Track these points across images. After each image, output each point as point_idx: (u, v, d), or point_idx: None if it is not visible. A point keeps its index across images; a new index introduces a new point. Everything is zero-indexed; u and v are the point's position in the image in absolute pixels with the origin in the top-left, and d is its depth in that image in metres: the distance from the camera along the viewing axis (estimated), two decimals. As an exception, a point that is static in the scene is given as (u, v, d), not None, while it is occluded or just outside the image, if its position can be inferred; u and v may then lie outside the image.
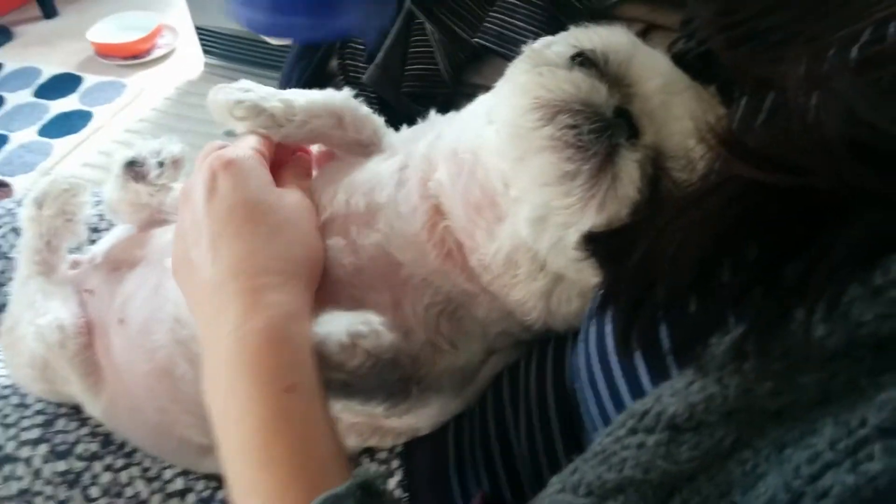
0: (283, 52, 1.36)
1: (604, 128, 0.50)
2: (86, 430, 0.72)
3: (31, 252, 0.74)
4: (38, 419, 0.71)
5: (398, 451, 0.64)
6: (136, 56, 2.51)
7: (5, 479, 0.67)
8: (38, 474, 0.68)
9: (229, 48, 2.29)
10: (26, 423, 0.71)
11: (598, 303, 0.45)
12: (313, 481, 0.45)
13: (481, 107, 0.62)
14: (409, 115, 0.95)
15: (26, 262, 0.74)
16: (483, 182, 0.56)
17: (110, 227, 0.84)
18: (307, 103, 0.65)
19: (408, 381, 0.59)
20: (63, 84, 2.44)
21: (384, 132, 0.71)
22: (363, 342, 0.52)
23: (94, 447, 0.71)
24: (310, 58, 1.16)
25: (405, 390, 0.59)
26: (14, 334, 0.72)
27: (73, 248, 0.79)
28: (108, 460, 0.70)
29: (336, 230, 0.61)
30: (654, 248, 0.39)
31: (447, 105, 1.10)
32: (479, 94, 0.65)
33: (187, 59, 2.50)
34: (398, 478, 0.63)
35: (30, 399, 0.73)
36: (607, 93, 0.51)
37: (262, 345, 0.50)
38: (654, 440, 0.35)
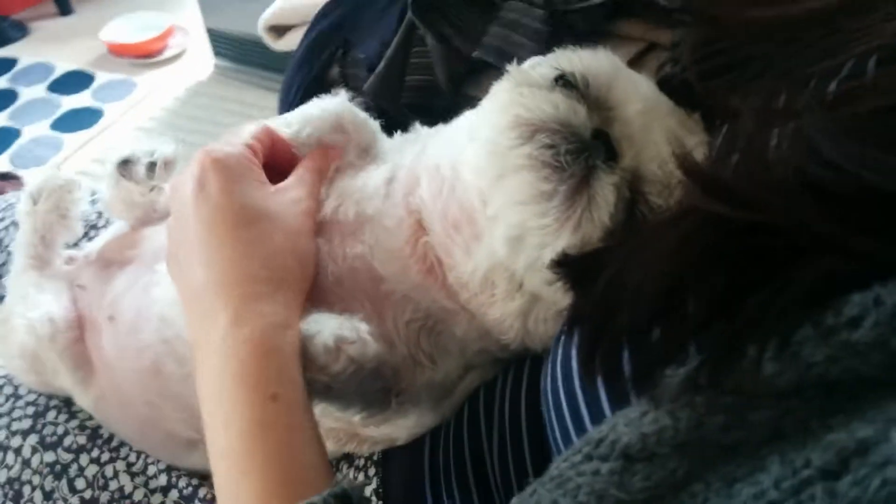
0: (291, 56, 1.38)
1: (581, 149, 0.50)
2: (75, 423, 0.73)
3: (25, 246, 0.76)
4: (30, 410, 0.73)
5: (375, 460, 0.65)
6: (147, 55, 2.53)
7: (-6, 468, 0.69)
8: (27, 464, 0.69)
9: (239, 50, 2.31)
10: (18, 414, 0.72)
11: (565, 325, 0.45)
12: (295, 490, 0.46)
13: (465, 123, 0.62)
14: (407, 126, 0.96)
15: (21, 255, 0.76)
16: (462, 199, 0.56)
17: (108, 225, 0.85)
18: (310, 118, 0.67)
19: (388, 393, 0.59)
20: (76, 81, 2.47)
21: (381, 138, 0.71)
22: (348, 348, 0.52)
23: (82, 440, 0.72)
24: (311, 65, 1.17)
25: (384, 401, 0.59)
26: (7, 326, 0.73)
27: (70, 244, 0.81)
28: (95, 453, 0.71)
29: (323, 234, 0.62)
30: (621, 273, 0.39)
31: (446, 117, 1.12)
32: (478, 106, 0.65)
33: (198, 59, 2.52)
34: (374, 485, 0.64)
35: (23, 390, 0.75)
36: (587, 115, 0.51)
37: (248, 355, 0.50)
38: (608, 468, 0.35)
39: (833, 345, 0.30)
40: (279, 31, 1.39)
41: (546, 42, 0.93)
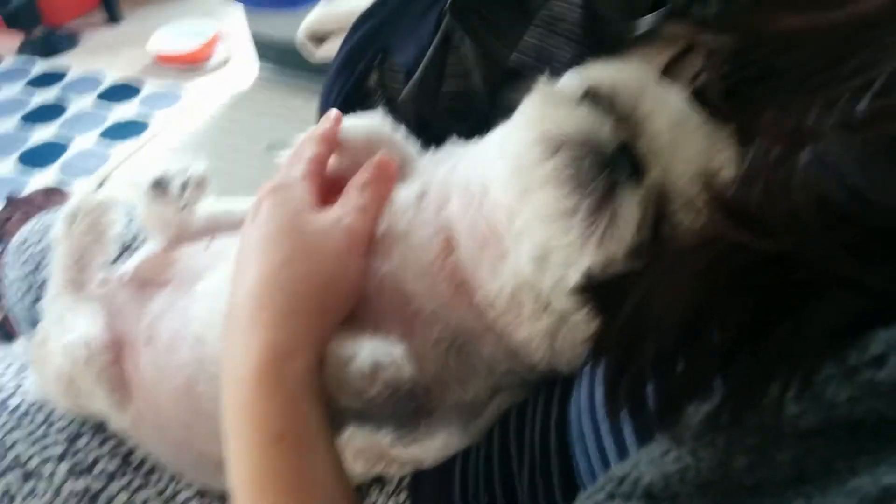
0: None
1: (605, 164, 0.49)
2: (106, 449, 0.73)
3: (61, 269, 0.76)
4: (63, 436, 0.73)
5: (406, 484, 0.64)
6: (194, 63, 2.56)
7: (25, 497, 0.68)
8: (57, 492, 0.69)
9: (284, 56, 2.32)
10: (51, 440, 0.72)
11: (590, 353, 0.43)
12: None
13: (496, 138, 0.61)
14: (446, 133, 0.94)
15: (57, 278, 0.76)
16: (489, 216, 0.56)
17: (143, 245, 0.85)
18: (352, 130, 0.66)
19: (419, 413, 0.58)
20: (124, 90, 2.52)
21: (417, 156, 0.71)
22: (384, 373, 0.51)
23: (113, 467, 0.71)
24: (350, 72, 1.16)
25: (415, 421, 0.58)
26: (43, 349, 0.73)
27: (104, 265, 0.80)
28: (125, 480, 0.71)
29: None
30: (645, 302, 0.38)
31: (484, 123, 1.09)
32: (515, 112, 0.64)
33: (243, 66, 2.54)
34: (405, 510, 0.62)
35: (56, 415, 0.74)
36: (612, 129, 0.50)
37: (252, 389, 0.49)
38: None
39: (857, 385, 0.29)
40: (319, 41, 1.38)
41: (585, 45, 0.90)
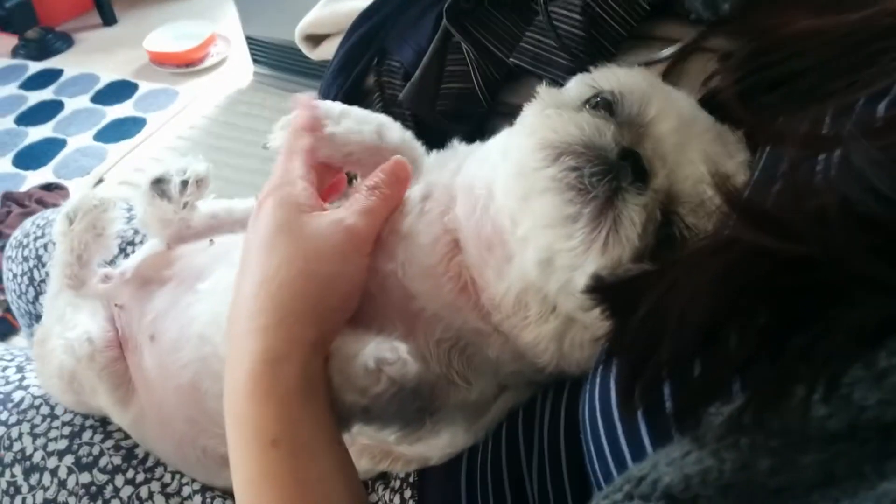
0: (327, 63, 1.38)
1: (606, 171, 0.49)
2: (110, 443, 0.73)
3: (62, 266, 0.76)
4: (66, 430, 0.73)
5: (411, 482, 0.64)
6: (189, 64, 2.56)
7: (31, 489, 0.69)
8: (63, 485, 0.69)
9: (278, 58, 2.33)
10: (54, 434, 0.73)
11: (603, 354, 0.43)
12: None
13: (499, 141, 0.61)
14: (444, 134, 0.94)
15: (58, 275, 0.76)
16: (495, 219, 0.56)
17: (144, 242, 0.85)
18: (352, 114, 0.65)
19: (423, 412, 0.58)
20: (119, 90, 2.52)
21: (422, 159, 0.70)
22: (389, 370, 0.51)
23: (117, 460, 0.72)
24: (347, 73, 1.17)
25: (420, 420, 0.58)
26: (45, 346, 0.73)
27: (106, 262, 0.81)
28: (130, 474, 0.71)
29: None
30: (662, 303, 0.37)
31: (483, 124, 1.10)
32: (515, 114, 0.64)
33: (238, 67, 2.54)
34: (410, 508, 0.63)
35: (59, 409, 0.75)
36: (614, 135, 0.50)
37: (247, 396, 0.49)
38: None
39: (887, 388, 0.28)
40: (315, 41, 1.39)
41: (583, 47, 0.91)
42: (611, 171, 0.49)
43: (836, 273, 0.31)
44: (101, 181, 2.16)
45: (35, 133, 2.36)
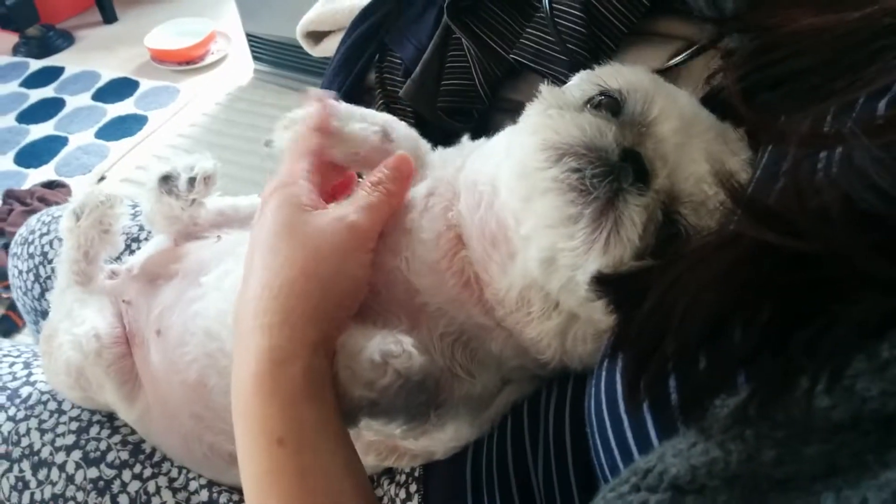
0: (328, 61, 1.39)
1: (607, 172, 0.49)
2: (117, 438, 0.74)
3: (69, 262, 0.77)
4: (73, 426, 0.74)
5: (417, 476, 0.65)
6: (190, 61, 2.57)
7: (39, 484, 0.70)
8: (70, 480, 0.70)
9: (278, 55, 2.33)
10: (62, 429, 0.73)
11: (608, 347, 0.44)
12: None
13: (503, 139, 0.61)
14: (444, 131, 0.94)
15: (65, 272, 0.77)
16: (499, 216, 0.56)
17: (149, 238, 0.86)
18: (358, 114, 0.66)
19: (429, 405, 0.58)
20: (120, 88, 2.53)
21: (428, 155, 0.70)
22: (395, 362, 0.51)
23: (125, 455, 0.73)
24: (349, 70, 1.17)
25: (426, 413, 0.58)
26: (52, 342, 0.74)
27: (112, 258, 0.82)
28: (137, 469, 0.72)
29: None
30: (667, 297, 0.38)
31: (483, 121, 1.10)
32: (516, 110, 0.64)
33: (238, 64, 2.55)
34: (416, 502, 0.64)
35: (66, 405, 0.76)
36: (616, 136, 0.51)
37: (252, 395, 0.50)
38: (657, 500, 0.34)
39: (889, 378, 0.29)
40: (316, 38, 1.39)
41: (583, 43, 0.92)
42: (612, 172, 0.49)
43: (839, 269, 0.31)
44: (102, 179, 2.17)
45: (36, 131, 2.36)
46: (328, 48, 1.34)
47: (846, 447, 0.30)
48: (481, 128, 1.01)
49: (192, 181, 0.74)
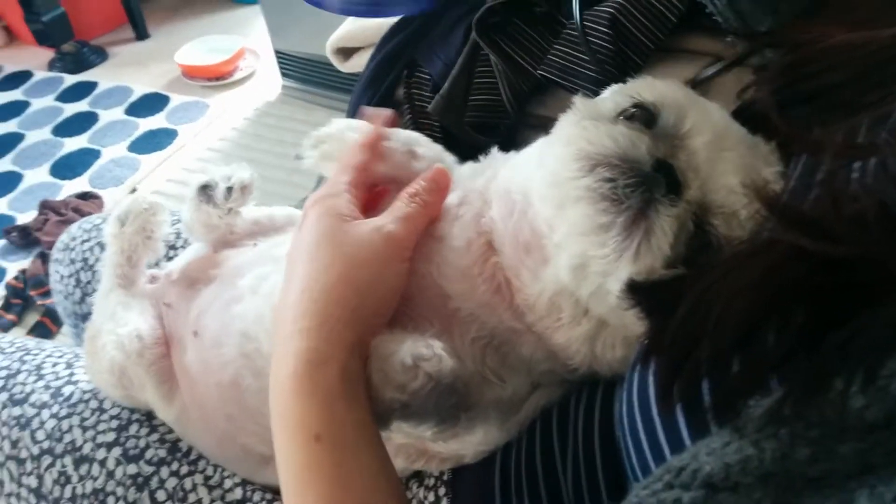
0: (355, 77, 1.42)
1: (640, 182, 0.50)
2: (156, 437, 0.76)
3: (112, 266, 0.80)
4: (114, 423, 0.76)
5: (446, 479, 0.66)
6: (219, 77, 2.62)
7: (81, 478, 0.72)
8: (111, 475, 0.73)
9: (306, 71, 2.37)
10: (103, 427, 0.76)
11: (641, 353, 0.45)
12: None
13: (535, 150, 0.63)
14: (471, 145, 0.97)
15: (108, 275, 0.80)
16: (533, 223, 0.57)
17: (186, 245, 0.89)
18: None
19: (459, 407, 0.60)
20: (152, 103, 2.58)
21: (455, 168, 0.72)
22: (425, 365, 0.53)
23: (163, 453, 0.75)
24: (377, 86, 1.19)
25: (455, 416, 0.60)
26: (96, 343, 0.76)
27: (150, 264, 0.84)
28: (175, 466, 0.74)
29: None
30: (701, 304, 0.39)
31: (510, 136, 1.12)
32: (542, 126, 0.65)
33: (267, 80, 2.59)
34: (444, 505, 0.65)
35: (107, 404, 0.78)
36: (649, 147, 0.52)
37: (290, 394, 0.52)
38: (690, 497, 0.35)
39: None
40: (346, 54, 1.42)
41: (611, 59, 0.93)
42: (644, 182, 0.50)
43: (873, 273, 0.32)
44: (133, 191, 2.22)
45: (71, 144, 2.42)
46: (358, 64, 1.37)
47: (880, 446, 0.31)
48: (508, 143, 1.03)
49: (229, 190, 0.76)
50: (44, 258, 1.89)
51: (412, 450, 0.64)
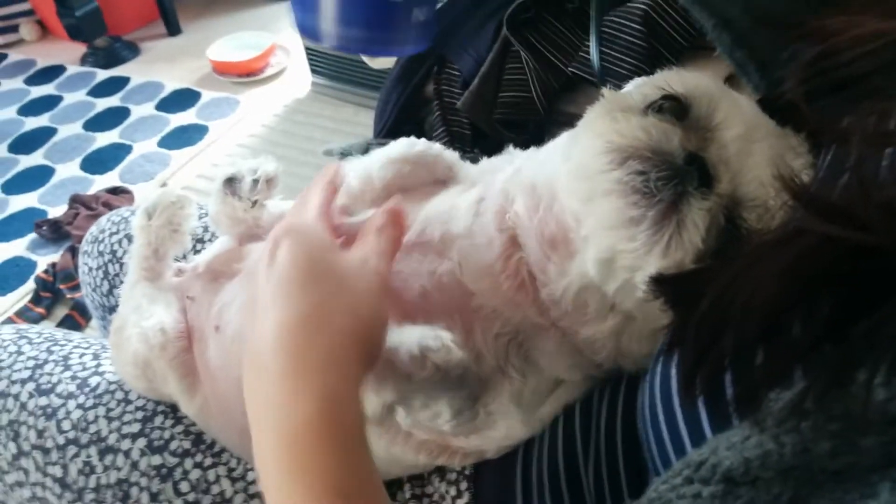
0: (384, 74, 1.42)
1: (672, 175, 0.50)
2: (180, 428, 0.76)
3: (139, 259, 0.80)
4: (139, 415, 0.77)
5: (467, 474, 0.66)
6: (250, 74, 2.64)
7: (105, 469, 0.73)
8: (135, 466, 0.73)
9: (336, 68, 2.38)
10: (128, 418, 0.76)
11: (665, 345, 0.44)
12: None
13: (560, 144, 0.62)
14: (500, 142, 0.96)
15: (135, 267, 0.80)
16: (559, 217, 0.57)
17: (213, 239, 0.89)
18: (382, 167, 0.69)
19: (475, 401, 0.59)
20: (183, 99, 2.60)
21: (459, 165, 0.73)
22: (433, 356, 0.53)
23: (187, 445, 0.75)
24: (407, 82, 1.20)
25: (472, 409, 0.59)
26: (121, 335, 0.77)
27: (177, 257, 0.85)
28: (199, 458, 0.74)
29: (408, 255, 0.63)
30: (726, 295, 0.38)
31: (539, 133, 1.12)
32: (572, 122, 0.65)
33: (297, 77, 2.61)
34: (466, 500, 0.65)
35: (133, 395, 0.79)
36: (680, 140, 0.51)
37: (311, 441, 0.45)
38: (710, 492, 0.35)
39: None
40: (375, 50, 1.42)
41: (643, 57, 0.92)
42: (676, 175, 0.50)
43: None
44: (163, 186, 2.24)
45: (102, 138, 2.45)
46: (388, 60, 1.37)
47: None
48: (537, 140, 1.03)
49: (255, 183, 0.76)
50: (73, 252, 1.91)
51: (434, 445, 0.64)
